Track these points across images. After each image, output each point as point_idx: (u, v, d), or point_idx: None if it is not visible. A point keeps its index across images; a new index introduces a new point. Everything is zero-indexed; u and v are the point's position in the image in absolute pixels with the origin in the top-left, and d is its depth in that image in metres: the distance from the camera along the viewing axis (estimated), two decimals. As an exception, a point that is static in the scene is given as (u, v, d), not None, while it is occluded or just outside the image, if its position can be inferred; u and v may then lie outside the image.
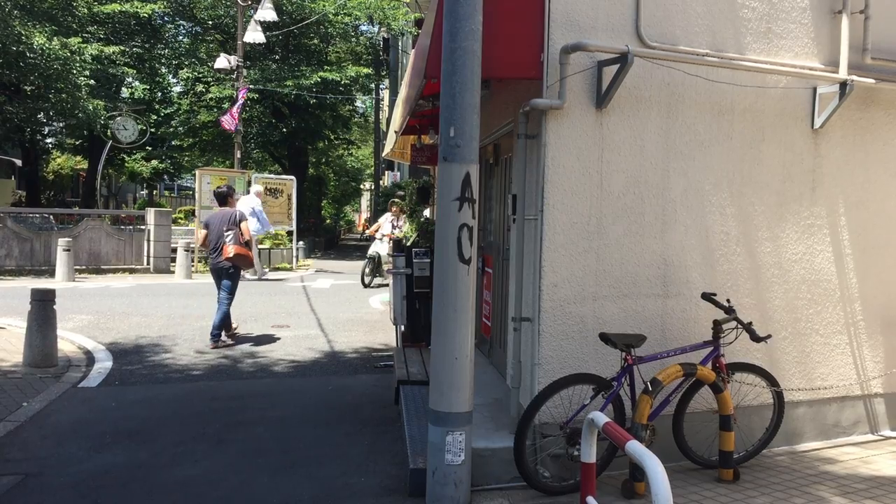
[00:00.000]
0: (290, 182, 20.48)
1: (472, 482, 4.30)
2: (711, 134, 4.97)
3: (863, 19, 5.22)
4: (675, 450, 4.75)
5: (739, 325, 4.71)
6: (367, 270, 15.38)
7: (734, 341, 4.77)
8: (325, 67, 24.62)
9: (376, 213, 28.35)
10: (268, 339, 9.40)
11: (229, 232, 8.75)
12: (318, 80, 23.27)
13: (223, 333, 8.99)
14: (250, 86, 21.68)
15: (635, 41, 4.67)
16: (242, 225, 8.89)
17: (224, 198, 9.18)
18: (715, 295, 4.82)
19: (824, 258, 5.34)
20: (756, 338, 4.68)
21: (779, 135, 5.15)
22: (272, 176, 23.18)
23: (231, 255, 8.71)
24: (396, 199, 16.05)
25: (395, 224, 14.81)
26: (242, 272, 10.64)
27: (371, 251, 15.55)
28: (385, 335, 9.75)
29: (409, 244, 8.07)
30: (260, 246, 17.61)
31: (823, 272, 5.35)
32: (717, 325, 4.72)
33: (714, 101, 4.96)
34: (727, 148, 5.02)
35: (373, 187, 39.40)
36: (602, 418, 3.49)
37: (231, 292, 8.92)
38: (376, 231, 15.64)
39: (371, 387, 7.26)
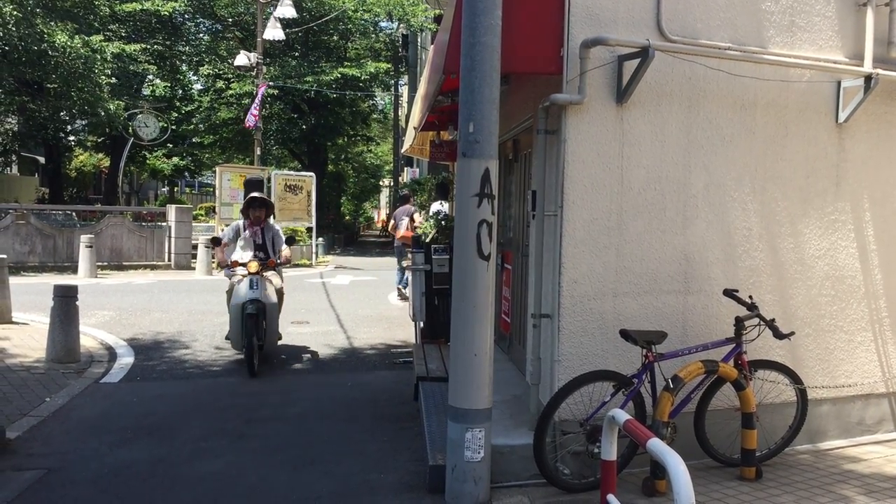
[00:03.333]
0: (309, 179, 20.55)
1: (491, 479, 4.29)
2: (734, 129, 4.91)
3: (888, 12, 5.13)
4: (697, 447, 4.71)
5: (762, 322, 4.65)
6: None
7: (756, 338, 4.71)
8: (345, 64, 24.72)
9: (395, 210, 28.33)
10: (287, 336, 9.42)
11: (402, 221, 12.52)
12: (338, 76, 23.37)
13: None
14: (270, 82, 21.77)
15: (656, 35, 4.62)
16: (413, 215, 12.57)
17: (405, 198, 13.75)
18: (737, 291, 4.76)
19: (848, 254, 5.26)
20: (779, 335, 4.62)
21: (802, 129, 5.08)
22: (292, 173, 23.27)
23: (400, 236, 12.47)
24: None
25: None
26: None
27: None
28: (404, 332, 9.76)
29: (427, 241, 8.06)
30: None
31: (847, 268, 5.27)
32: (739, 322, 4.66)
33: (736, 96, 4.90)
34: (749, 143, 4.95)
35: (392, 184, 39.42)
36: (623, 416, 3.47)
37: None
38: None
39: (390, 383, 7.27)
